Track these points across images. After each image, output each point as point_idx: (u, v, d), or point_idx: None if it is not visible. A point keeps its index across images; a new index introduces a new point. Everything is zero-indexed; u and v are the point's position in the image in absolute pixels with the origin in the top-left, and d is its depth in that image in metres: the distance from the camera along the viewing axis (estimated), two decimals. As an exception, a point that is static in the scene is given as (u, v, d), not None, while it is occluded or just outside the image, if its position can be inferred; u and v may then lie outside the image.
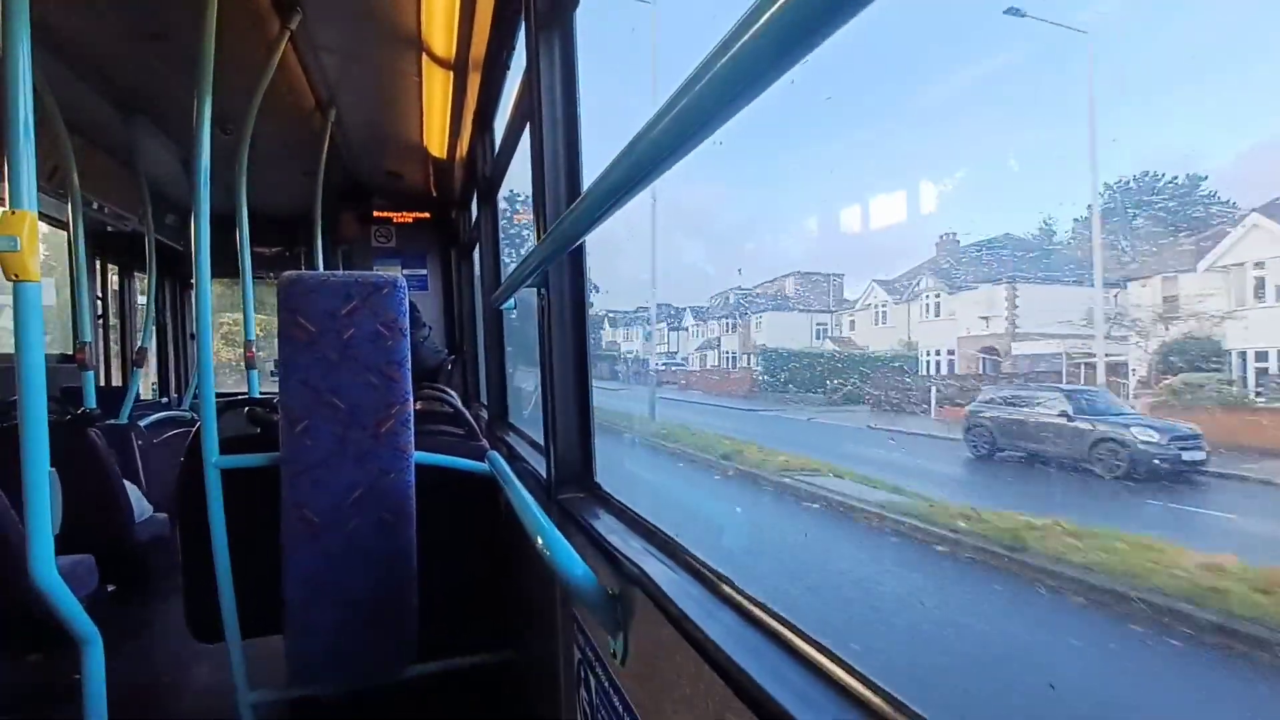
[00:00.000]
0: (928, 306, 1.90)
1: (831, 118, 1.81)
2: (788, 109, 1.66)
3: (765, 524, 2.38)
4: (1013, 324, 1.52)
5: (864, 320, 2.24)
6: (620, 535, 1.12)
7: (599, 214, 0.86)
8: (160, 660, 2.62)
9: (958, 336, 1.71)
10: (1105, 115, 1.18)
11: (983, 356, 1.63)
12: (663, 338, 3.87)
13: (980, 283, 1.63)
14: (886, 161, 1.78)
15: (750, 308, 3.05)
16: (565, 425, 1.49)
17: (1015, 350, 1.54)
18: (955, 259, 1.73)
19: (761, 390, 2.91)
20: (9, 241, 1.40)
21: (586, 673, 1.22)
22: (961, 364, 1.71)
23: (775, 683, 0.62)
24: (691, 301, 3.79)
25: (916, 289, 1.94)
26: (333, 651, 1.88)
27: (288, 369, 1.82)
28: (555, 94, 1.47)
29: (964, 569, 1.48)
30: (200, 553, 1.90)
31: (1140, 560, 1.14)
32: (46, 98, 2.98)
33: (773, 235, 2.92)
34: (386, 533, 1.88)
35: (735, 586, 0.84)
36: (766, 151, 2.28)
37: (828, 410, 2.19)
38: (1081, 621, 1.26)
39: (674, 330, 3.78)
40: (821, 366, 2.34)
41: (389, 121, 3.73)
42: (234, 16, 2.20)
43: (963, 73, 1.50)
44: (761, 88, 0.47)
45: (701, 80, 0.52)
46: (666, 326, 3.79)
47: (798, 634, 0.71)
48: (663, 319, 3.90)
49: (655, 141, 0.63)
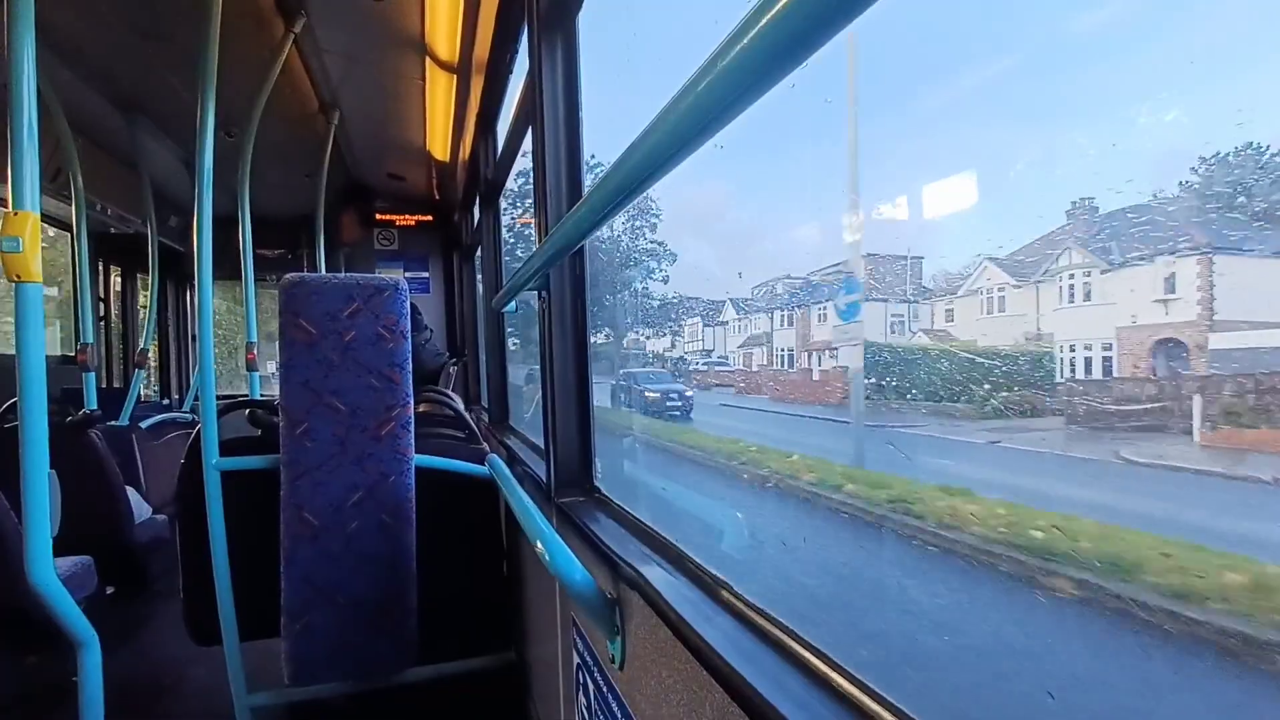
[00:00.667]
0: (1069, 289, 1.48)
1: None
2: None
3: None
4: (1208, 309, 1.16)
5: (969, 309, 1.77)
6: (619, 539, 1.11)
7: (600, 217, 0.86)
8: (159, 662, 2.62)
9: (1117, 326, 1.35)
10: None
11: (1166, 351, 1.23)
12: (693, 335, 3.43)
13: (1146, 257, 1.26)
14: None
15: (812, 298, 2.54)
16: (565, 428, 1.49)
17: (1216, 344, 1.15)
18: (1102, 228, 1.35)
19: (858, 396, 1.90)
20: (12, 242, 1.41)
21: (585, 676, 1.21)
22: (1126, 363, 1.36)
23: (772, 688, 0.62)
24: (726, 294, 3.31)
25: (1051, 267, 1.48)
26: (332, 653, 1.87)
27: (288, 371, 1.82)
28: (557, 97, 1.47)
29: None
30: (199, 555, 1.89)
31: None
32: (51, 100, 2.99)
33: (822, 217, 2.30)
34: (386, 535, 1.88)
35: (734, 591, 0.84)
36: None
37: (992, 427, 1.51)
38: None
39: (710, 326, 3.38)
40: (953, 367, 1.72)
41: (392, 124, 3.75)
42: (238, 19, 2.21)
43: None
44: (762, 90, 0.47)
45: (700, 85, 0.52)
46: (701, 322, 3.36)
47: (796, 640, 0.71)
48: (692, 314, 3.50)
49: (656, 145, 0.63)
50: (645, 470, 2.65)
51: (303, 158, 3.73)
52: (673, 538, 1.07)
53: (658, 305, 3.45)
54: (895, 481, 1.62)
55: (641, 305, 3.47)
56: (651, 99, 0.63)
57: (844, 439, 1.85)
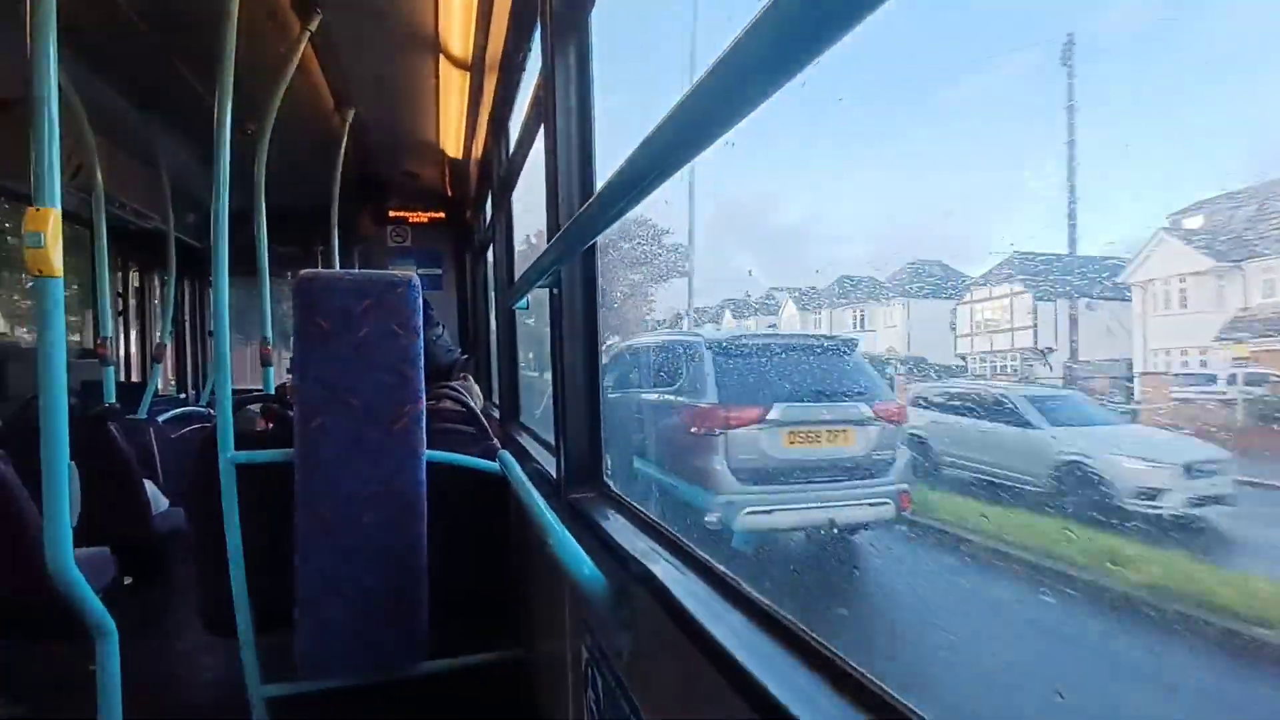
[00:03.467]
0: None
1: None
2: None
3: None
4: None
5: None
6: (629, 535, 1.12)
7: (611, 214, 0.86)
8: (175, 653, 2.66)
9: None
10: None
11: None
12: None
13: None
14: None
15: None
16: (576, 425, 1.49)
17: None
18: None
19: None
20: (34, 238, 1.43)
21: (594, 672, 1.22)
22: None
23: (781, 685, 0.62)
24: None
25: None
26: (343, 646, 1.89)
27: (304, 366, 1.84)
28: (570, 95, 1.47)
29: None
30: (214, 547, 1.92)
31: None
32: (72, 98, 3.03)
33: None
34: (398, 530, 1.89)
35: (743, 588, 0.84)
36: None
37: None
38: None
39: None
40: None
41: (406, 122, 3.77)
42: (255, 18, 2.23)
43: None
44: (776, 86, 0.47)
45: (712, 82, 0.52)
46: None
47: (807, 637, 0.71)
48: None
49: (667, 143, 0.64)
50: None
51: (318, 155, 3.76)
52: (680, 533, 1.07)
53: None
54: None
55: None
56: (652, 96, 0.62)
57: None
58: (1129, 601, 1.11)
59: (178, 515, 3.37)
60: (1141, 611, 1.09)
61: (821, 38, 0.40)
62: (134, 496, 3.04)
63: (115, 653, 1.67)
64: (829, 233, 2.25)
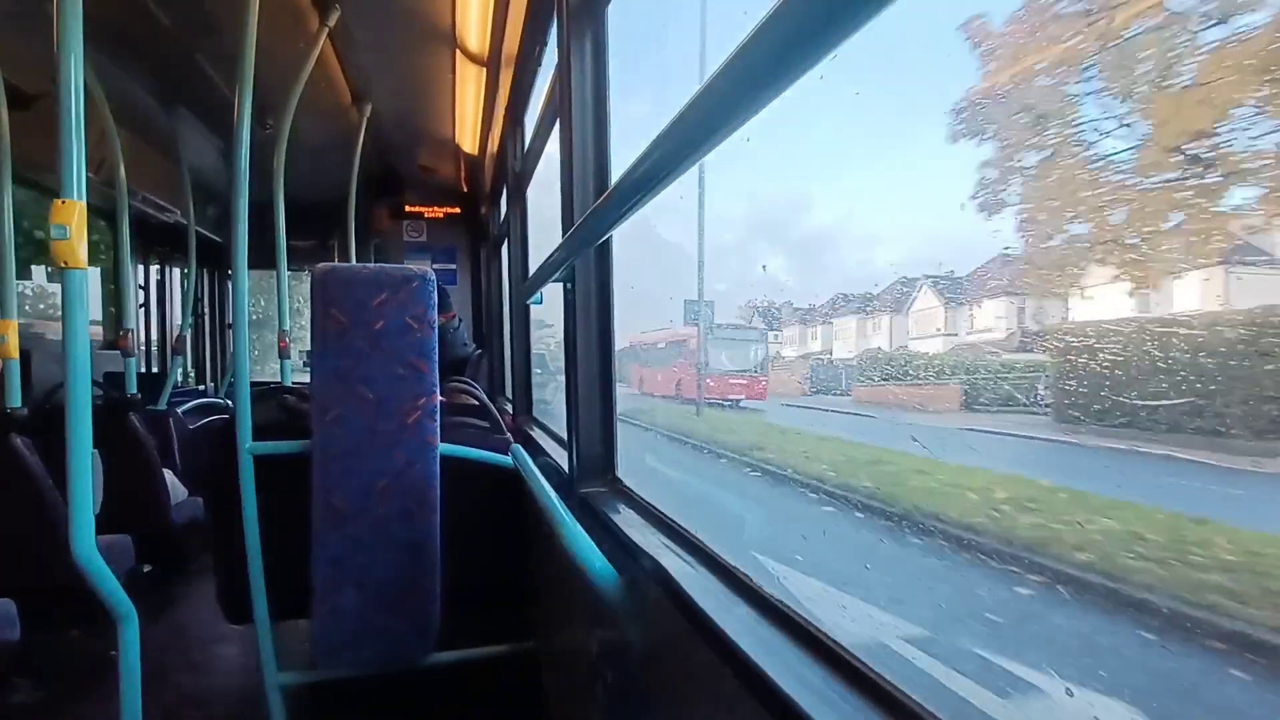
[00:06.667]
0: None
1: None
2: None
3: None
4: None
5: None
6: (640, 529, 1.12)
7: (625, 208, 0.87)
8: (193, 639, 2.70)
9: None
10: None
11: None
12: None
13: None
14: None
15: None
16: (588, 420, 1.50)
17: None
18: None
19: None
20: (60, 230, 1.45)
21: (604, 666, 1.23)
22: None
23: (791, 679, 0.62)
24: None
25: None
26: (357, 635, 1.92)
27: (320, 358, 1.86)
28: (585, 89, 1.47)
29: None
30: (232, 536, 1.95)
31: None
32: (97, 93, 3.08)
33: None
34: (411, 522, 1.91)
35: (753, 582, 0.84)
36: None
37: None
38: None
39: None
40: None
41: (422, 117, 3.79)
42: (274, 13, 2.26)
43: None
44: (791, 80, 0.47)
45: (727, 77, 0.52)
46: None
47: (817, 632, 0.71)
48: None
49: (682, 137, 0.64)
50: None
51: (335, 149, 3.79)
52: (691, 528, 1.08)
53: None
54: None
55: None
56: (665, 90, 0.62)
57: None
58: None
59: (196, 505, 3.42)
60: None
61: (840, 30, 0.40)
62: (154, 485, 3.09)
63: (136, 638, 1.70)
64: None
